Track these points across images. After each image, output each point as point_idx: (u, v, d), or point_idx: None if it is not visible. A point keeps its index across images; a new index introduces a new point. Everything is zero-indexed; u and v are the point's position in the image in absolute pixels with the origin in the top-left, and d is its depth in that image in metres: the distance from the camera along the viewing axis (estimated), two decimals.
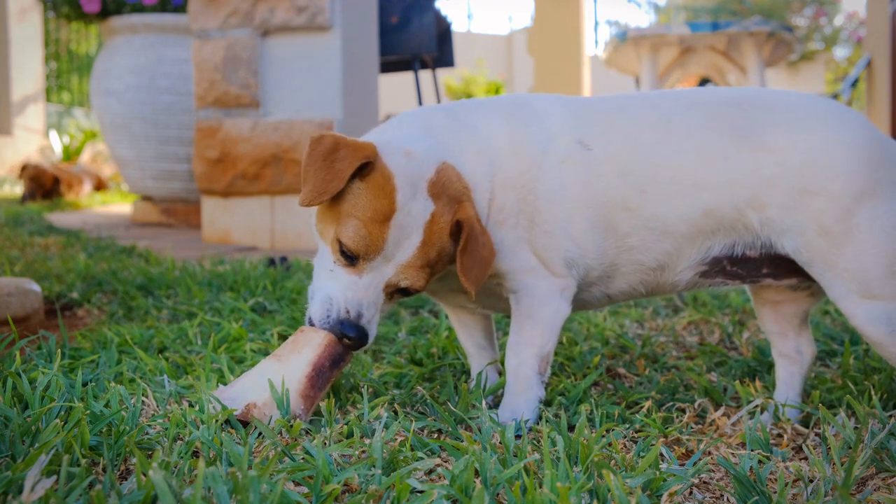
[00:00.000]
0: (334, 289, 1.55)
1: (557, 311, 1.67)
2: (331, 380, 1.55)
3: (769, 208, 1.57)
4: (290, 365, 1.54)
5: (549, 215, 1.64)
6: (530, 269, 1.66)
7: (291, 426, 1.45)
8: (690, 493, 1.30)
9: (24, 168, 8.23)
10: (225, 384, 1.71)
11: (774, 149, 1.57)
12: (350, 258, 1.53)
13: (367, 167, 1.53)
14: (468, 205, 1.56)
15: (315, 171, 1.51)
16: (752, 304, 2.84)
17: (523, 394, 1.65)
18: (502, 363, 1.91)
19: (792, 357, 1.81)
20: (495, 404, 1.76)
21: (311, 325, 1.57)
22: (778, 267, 1.66)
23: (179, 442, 1.39)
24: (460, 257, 1.53)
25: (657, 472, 1.25)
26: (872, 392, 1.70)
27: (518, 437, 1.53)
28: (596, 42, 19.51)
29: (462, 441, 1.44)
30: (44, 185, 8.12)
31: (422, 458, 1.33)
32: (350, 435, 1.47)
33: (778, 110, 1.61)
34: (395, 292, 1.58)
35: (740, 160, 1.58)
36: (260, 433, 1.46)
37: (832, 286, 1.56)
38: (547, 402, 1.73)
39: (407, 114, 1.76)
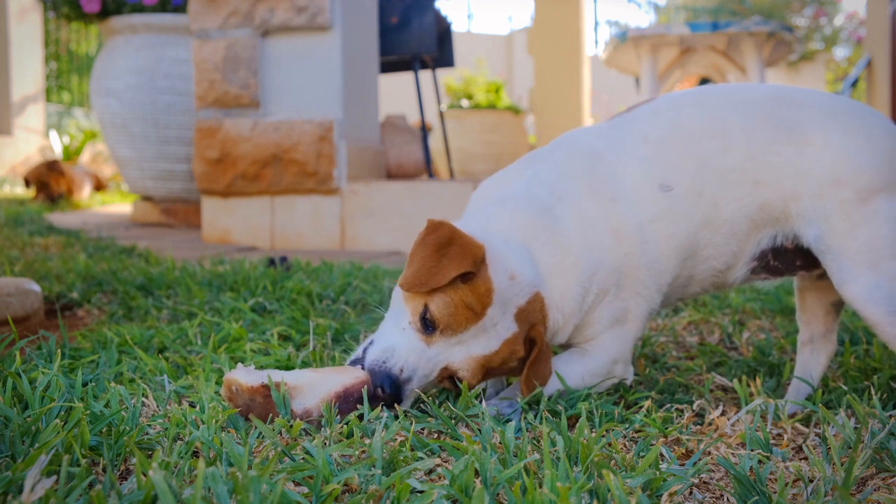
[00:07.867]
0: (402, 345, 1.58)
1: (605, 384, 1.75)
2: (349, 412, 1.55)
3: (804, 198, 1.66)
4: (327, 377, 1.57)
5: (649, 282, 1.72)
6: (618, 334, 1.75)
7: (291, 426, 1.45)
8: (690, 493, 1.30)
9: (46, 166, 8.28)
10: None
11: (815, 143, 1.66)
12: (429, 328, 1.56)
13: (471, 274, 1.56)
14: (541, 327, 1.64)
15: (422, 258, 1.55)
16: (752, 305, 2.84)
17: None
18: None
19: (805, 344, 1.90)
20: None
21: (353, 365, 1.61)
22: (807, 257, 1.74)
23: (179, 442, 1.39)
24: (528, 368, 1.61)
25: (657, 472, 1.25)
26: (872, 392, 1.70)
27: (518, 437, 1.53)
28: (596, 42, 19.47)
29: (462, 441, 1.44)
30: (51, 188, 8.13)
31: (422, 458, 1.32)
32: (350, 435, 1.47)
33: (817, 108, 1.69)
34: (447, 378, 1.61)
35: (787, 154, 1.67)
36: (260, 433, 1.46)
37: (841, 270, 1.63)
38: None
39: (502, 200, 1.73)
